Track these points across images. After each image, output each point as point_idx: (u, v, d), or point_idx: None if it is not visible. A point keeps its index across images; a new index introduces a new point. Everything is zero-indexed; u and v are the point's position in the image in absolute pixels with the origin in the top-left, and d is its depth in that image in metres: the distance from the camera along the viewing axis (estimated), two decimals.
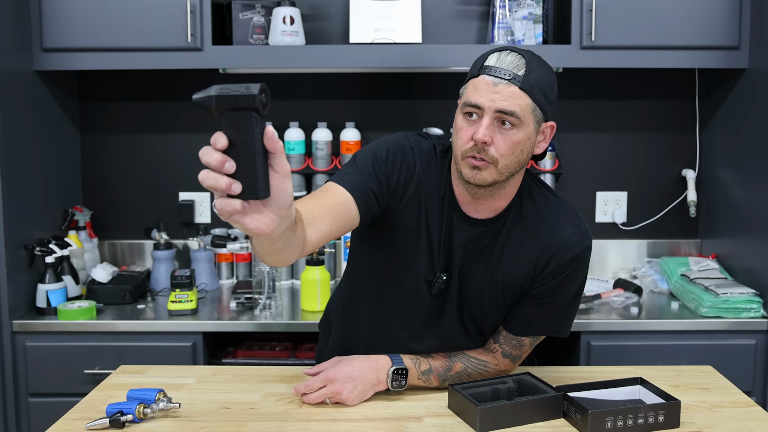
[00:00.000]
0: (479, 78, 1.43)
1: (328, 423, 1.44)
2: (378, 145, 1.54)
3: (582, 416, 1.38)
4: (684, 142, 2.85)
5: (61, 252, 2.42)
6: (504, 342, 1.61)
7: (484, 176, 1.44)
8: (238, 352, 2.49)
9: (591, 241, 1.54)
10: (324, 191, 1.45)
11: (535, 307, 1.56)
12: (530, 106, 1.42)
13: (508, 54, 1.43)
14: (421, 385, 1.59)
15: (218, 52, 2.45)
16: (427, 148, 1.56)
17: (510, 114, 1.40)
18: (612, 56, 2.46)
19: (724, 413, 1.49)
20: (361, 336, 1.67)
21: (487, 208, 1.53)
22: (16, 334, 2.33)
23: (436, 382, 1.59)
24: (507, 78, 1.40)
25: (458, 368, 1.60)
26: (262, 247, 1.18)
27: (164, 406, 1.44)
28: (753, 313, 2.32)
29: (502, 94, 1.40)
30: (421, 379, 1.58)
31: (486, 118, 1.41)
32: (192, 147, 2.87)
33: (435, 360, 1.60)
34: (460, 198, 1.54)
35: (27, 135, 2.44)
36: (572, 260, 1.51)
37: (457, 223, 1.54)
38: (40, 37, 2.44)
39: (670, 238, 2.89)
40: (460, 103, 1.47)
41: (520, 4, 2.58)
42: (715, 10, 2.44)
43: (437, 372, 1.59)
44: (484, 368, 1.61)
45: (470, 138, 1.43)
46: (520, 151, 1.44)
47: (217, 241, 2.68)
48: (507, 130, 1.42)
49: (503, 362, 1.63)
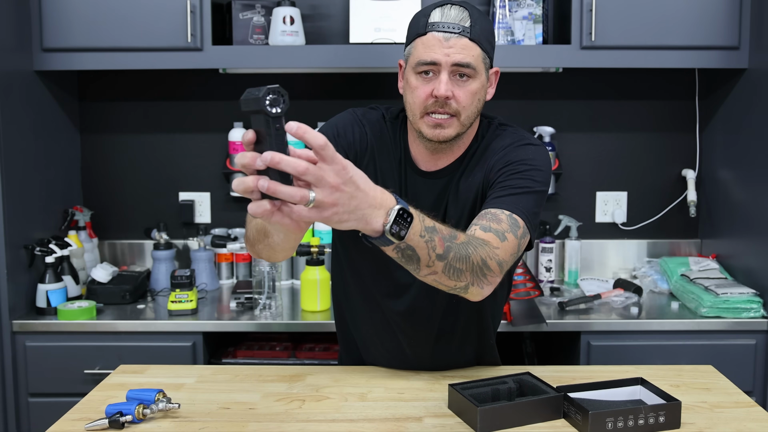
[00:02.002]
0: (428, 35, 1.45)
1: (328, 423, 1.44)
2: (328, 125, 1.59)
3: (582, 417, 1.38)
4: (684, 142, 2.85)
5: (61, 252, 2.42)
6: (478, 218, 1.45)
7: (447, 132, 1.48)
8: (238, 352, 2.49)
9: (533, 141, 1.55)
10: None
11: (493, 190, 1.50)
12: (481, 55, 1.47)
13: (450, 8, 1.46)
14: (420, 246, 1.24)
15: (218, 52, 2.45)
16: (377, 118, 1.60)
17: (466, 66, 1.44)
18: (612, 56, 2.46)
19: (725, 414, 1.49)
20: (353, 320, 1.71)
21: (446, 160, 1.57)
22: (16, 334, 2.33)
23: (440, 248, 1.27)
24: (457, 31, 1.44)
25: (462, 239, 1.33)
26: (286, 243, 1.25)
27: (164, 406, 1.44)
28: (753, 313, 2.32)
29: (456, 47, 1.43)
30: (425, 237, 1.24)
31: (444, 73, 1.44)
32: (192, 147, 2.87)
33: (441, 225, 1.31)
34: (417, 158, 1.58)
35: (27, 135, 2.44)
36: (515, 148, 1.52)
37: (418, 182, 1.57)
38: (40, 37, 2.43)
39: (670, 238, 2.89)
40: (411, 63, 1.49)
41: (520, 4, 2.58)
42: (715, 10, 2.43)
43: (442, 234, 1.28)
44: (483, 245, 1.36)
45: (429, 95, 1.46)
46: (478, 99, 1.49)
47: (217, 241, 2.68)
48: (464, 81, 1.46)
49: (491, 238, 1.39)
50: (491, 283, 1.38)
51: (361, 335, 1.74)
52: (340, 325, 1.80)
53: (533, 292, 2.37)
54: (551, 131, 2.78)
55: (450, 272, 1.30)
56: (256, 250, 1.42)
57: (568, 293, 2.65)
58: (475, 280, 1.35)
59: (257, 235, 1.39)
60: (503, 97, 2.82)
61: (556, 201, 2.87)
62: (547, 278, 2.78)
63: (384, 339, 1.69)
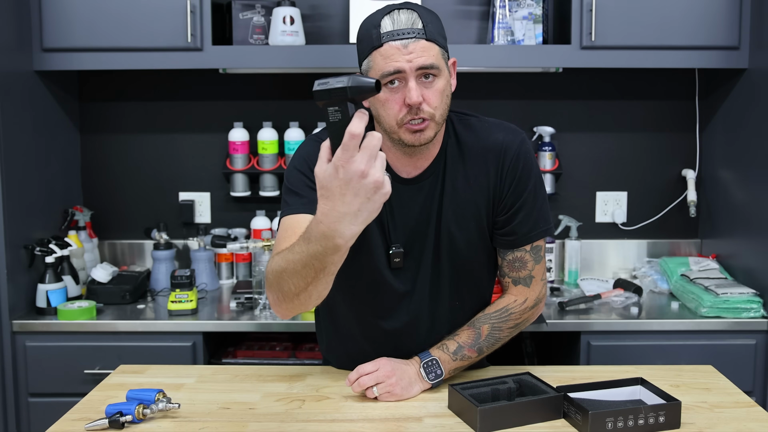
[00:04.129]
0: (385, 46, 1.45)
1: (328, 423, 1.44)
2: (297, 161, 1.58)
3: (582, 417, 1.38)
4: (684, 142, 2.85)
5: (61, 252, 2.42)
6: (507, 268, 1.65)
7: (427, 135, 1.49)
8: (238, 352, 2.49)
9: (523, 133, 1.63)
10: (293, 229, 1.45)
11: (513, 216, 1.60)
12: (440, 52, 1.48)
13: (399, 13, 1.46)
14: (463, 365, 1.60)
15: (218, 52, 2.45)
16: None
17: (430, 67, 1.45)
18: (612, 56, 2.46)
19: (725, 414, 1.49)
20: (347, 332, 1.71)
21: (424, 162, 1.58)
22: (16, 334, 2.33)
23: (474, 355, 1.60)
24: (413, 36, 1.44)
25: (486, 330, 1.61)
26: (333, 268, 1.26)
27: (164, 406, 1.44)
28: (753, 313, 2.32)
29: (416, 51, 1.44)
30: (456, 359, 1.59)
31: (411, 80, 1.45)
32: (192, 147, 2.87)
33: (460, 336, 1.61)
34: (396, 166, 1.58)
35: (27, 135, 2.44)
36: (518, 156, 1.58)
37: (402, 190, 1.58)
38: (40, 37, 2.43)
39: (670, 238, 2.89)
40: (373, 77, 1.46)
41: (520, 4, 2.58)
42: (715, 10, 2.43)
43: (467, 345, 1.60)
44: (508, 315, 1.63)
45: (402, 105, 1.46)
46: (446, 96, 1.51)
47: (217, 241, 2.68)
48: (431, 82, 1.47)
49: (519, 293, 1.65)
50: (541, 307, 1.69)
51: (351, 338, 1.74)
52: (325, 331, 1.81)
53: None
54: (551, 131, 2.78)
55: (492, 348, 1.63)
56: (293, 305, 1.37)
57: (568, 293, 2.65)
58: (522, 327, 1.67)
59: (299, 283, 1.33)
60: (503, 97, 2.84)
61: (556, 201, 2.87)
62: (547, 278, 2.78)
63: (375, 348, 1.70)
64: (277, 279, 1.34)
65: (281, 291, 1.35)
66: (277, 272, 1.34)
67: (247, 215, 2.83)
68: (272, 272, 1.35)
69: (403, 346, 1.64)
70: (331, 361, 1.79)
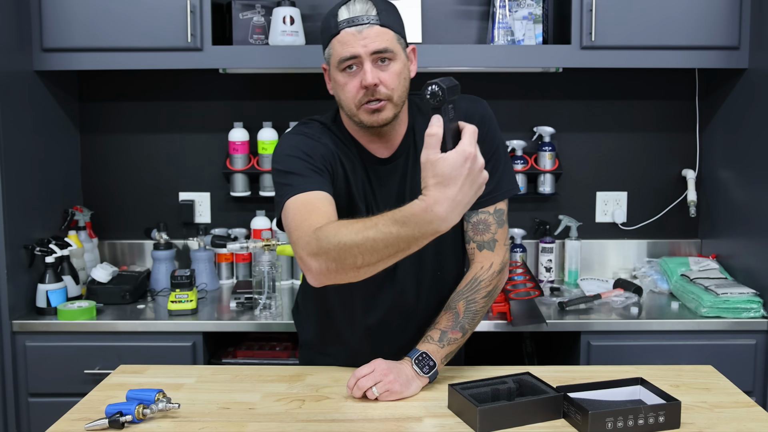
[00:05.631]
0: (342, 33, 1.54)
1: (328, 423, 1.44)
2: (288, 150, 1.60)
3: (582, 417, 1.38)
4: (684, 142, 2.85)
5: (61, 252, 2.42)
6: (471, 232, 1.70)
7: (385, 115, 1.56)
8: (238, 352, 2.49)
9: (485, 102, 1.70)
10: (312, 204, 1.47)
11: None
12: (395, 37, 1.56)
13: (354, 3, 1.54)
14: (453, 349, 1.64)
15: (218, 52, 2.45)
16: (320, 128, 1.66)
17: (385, 51, 1.53)
18: (612, 56, 2.46)
19: (725, 414, 1.49)
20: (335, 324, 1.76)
21: (394, 141, 1.65)
22: (16, 334, 2.33)
23: (459, 336, 1.64)
24: (366, 22, 1.53)
25: (462, 307, 1.65)
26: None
27: (163, 406, 1.44)
28: (753, 313, 2.32)
29: (370, 36, 1.52)
30: (444, 345, 1.62)
31: (367, 63, 1.53)
32: (192, 147, 2.87)
33: (440, 322, 1.65)
34: (371, 148, 1.65)
35: (27, 135, 2.44)
36: (482, 121, 1.62)
37: (380, 171, 1.65)
38: (40, 37, 2.43)
39: (670, 238, 2.89)
40: (333, 63, 1.57)
41: (520, 4, 2.58)
42: (715, 11, 2.43)
43: (450, 328, 1.64)
44: (477, 285, 1.67)
45: (359, 87, 1.54)
46: (404, 78, 1.58)
47: (217, 241, 2.68)
48: (387, 66, 1.55)
49: (484, 258, 1.68)
50: (506, 273, 1.72)
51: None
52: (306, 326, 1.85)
53: (533, 292, 2.37)
54: (551, 131, 2.78)
55: (474, 323, 1.67)
56: (347, 276, 1.34)
57: (568, 293, 2.65)
58: (494, 296, 1.70)
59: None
60: (503, 97, 2.84)
61: (556, 201, 2.87)
62: (547, 278, 2.78)
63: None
64: (341, 250, 1.29)
65: (341, 262, 1.30)
66: (343, 244, 1.28)
67: (247, 215, 2.84)
68: (334, 243, 1.29)
69: (391, 323, 1.70)
70: (315, 355, 1.82)
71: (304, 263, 1.35)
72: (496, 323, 2.32)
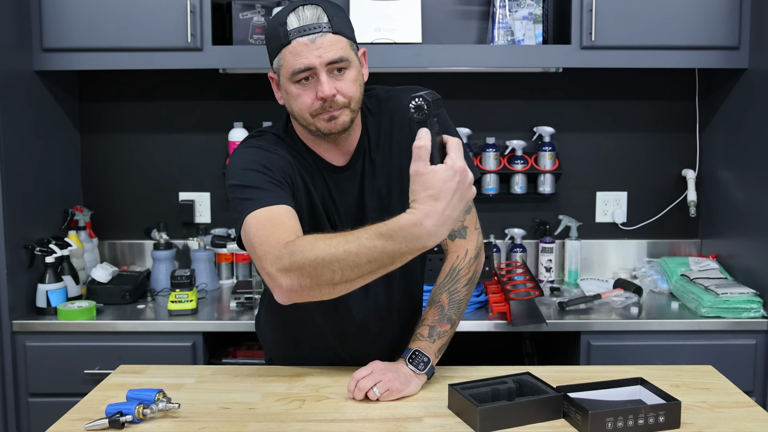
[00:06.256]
0: (293, 43, 1.46)
1: (328, 423, 1.44)
2: (244, 163, 1.51)
3: (582, 417, 1.38)
4: (684, 142, 2.85)
5: (61, 252, 2.42)
6: None
7: (342, 121, 1.51)
8: (238, 352, 2.49)
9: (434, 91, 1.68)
10: (277, 219, 1.40)
11: None
12: (348, 43, 1.51)
13: (304, 9, 1.47)
14: (444, 341, 1.63)
15: (218, 52, 2.45)
16: (275, 140, 1.60)
17: (340, 60, 1.48)
18: (612, 56, 2.46)
19: (725, 413, 1.49)
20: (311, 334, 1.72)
21: (349, 147, 1.60)
22: (16, 334, 2.33)
23: (448, 328, 1.63)
24: (319, 30, 1.46)
25: (446, 299, 1.64)
26: None
27: (164, 406, 1.44)
28: (753, 313, 2.32)
29: (324, 46, 1.46)
30: (435, 339, 1.61)
31: (322, 74, 1.47)
32: (192, 147, 2.87)
33: (427, 318, 1.64)
34: (326, 156, 1.60)
35: (27, 135, 2.44)
36: None
37: (338, 179, 1.60)
38: (40, 37, 2.43)
39: (670, 238, 2.89)
40: (285, 74, 1.49)
41: (520, 4, 2.58)
42: (715, 10, 2.43)
43: (437, 321, 1.62)
44: (456, 274, 1.65)
45: (314, 99, 1.48)
46: (359, 85, 1.54)
47: (217, 241, 2.68)
48: (342, 74, 1.50)
49: (458, 247, 1.65)
50: (482, 256, 1.70)
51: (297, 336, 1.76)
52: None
53: (533, 292, 2.37)
54: (551, 131, 2.78)
55: (460, 313, 1.65)
56: (321, 293, 1.31)
57: (568, 293, 2.65)
58: (475, 282, 1.68)
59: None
60: (503, 97, 2.84)
61: (556, 201, 2.87)
62: (547, 278, 2.78)
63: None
64: (318, 266, 1.25)
65: (317, 278, 1.26)
66: (321, 259, 1.24)
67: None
68: (310, 258, 1.25)
69: (368, 324, 1.68)
70: (277, 357, 1.81)
71: (272, 279, 1.29)
72: (496, 323, 2.32)
